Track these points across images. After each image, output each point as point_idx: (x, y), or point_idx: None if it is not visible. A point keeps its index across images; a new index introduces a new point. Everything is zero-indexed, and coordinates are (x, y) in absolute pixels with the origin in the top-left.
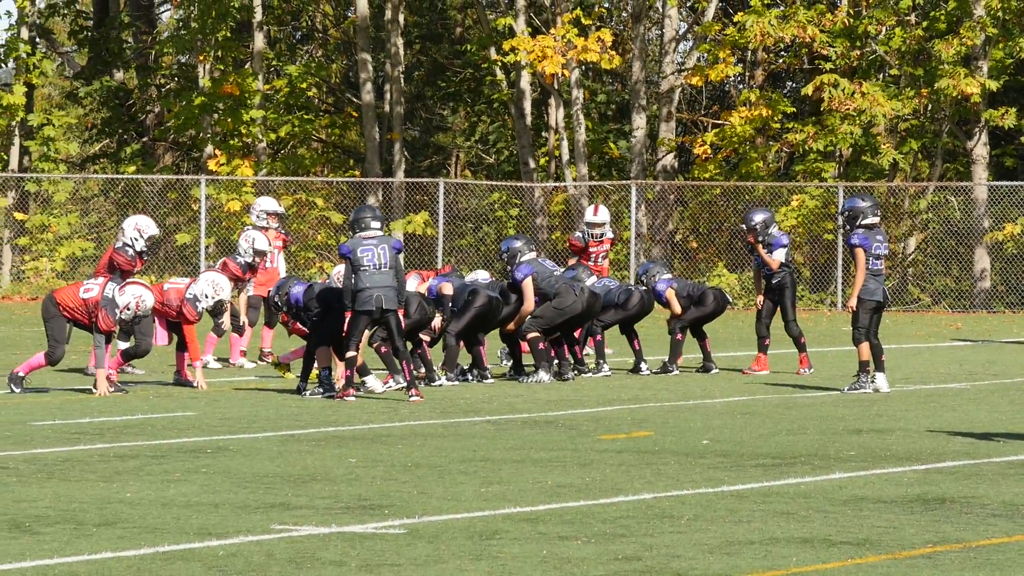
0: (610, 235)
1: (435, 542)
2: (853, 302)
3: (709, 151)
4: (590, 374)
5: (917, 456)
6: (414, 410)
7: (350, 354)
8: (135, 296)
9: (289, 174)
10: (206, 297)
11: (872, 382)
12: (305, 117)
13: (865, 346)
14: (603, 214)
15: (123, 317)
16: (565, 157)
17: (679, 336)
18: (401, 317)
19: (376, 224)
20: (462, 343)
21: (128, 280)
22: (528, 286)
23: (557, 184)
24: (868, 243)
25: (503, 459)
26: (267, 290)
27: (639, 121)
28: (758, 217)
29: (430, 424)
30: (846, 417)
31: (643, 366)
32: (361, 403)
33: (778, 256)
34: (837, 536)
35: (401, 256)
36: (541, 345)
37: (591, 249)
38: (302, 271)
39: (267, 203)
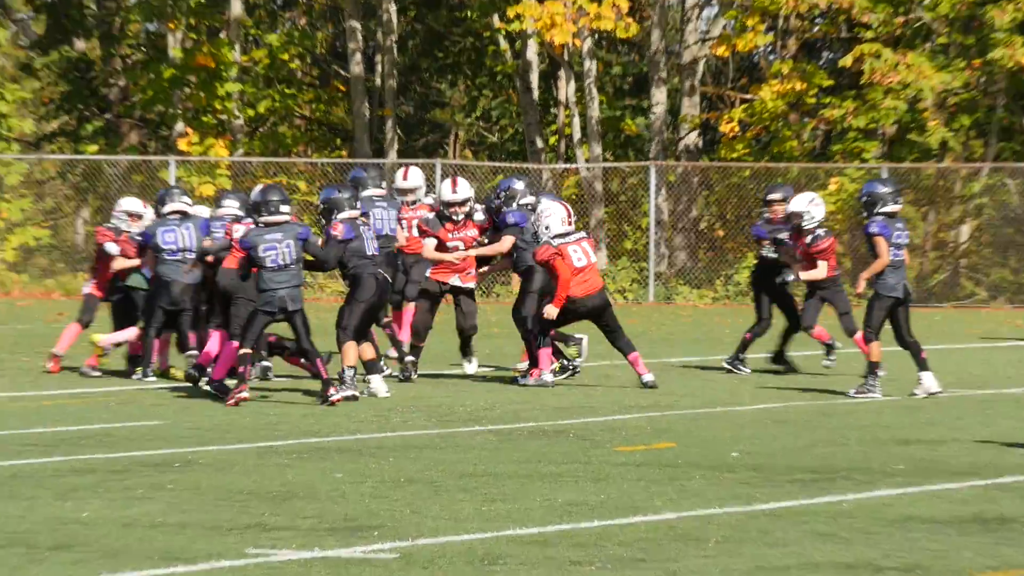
0: (480, 217)
1: (431, 567)
2: (862, 285)
3: (737, 129)
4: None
5: (973, 470)
6: (407, 419)
7: (243, 351)
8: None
9: (269, 154)
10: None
11: (918, 384)
12: (287, 91)
13: (876, 346)
14: (463, 187)
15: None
16: (577, 136)
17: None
18: (306, 315)
19: (285, 209)
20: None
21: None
22: (510, 240)
23: (568, 166)
24: (888, 231)
25: (507, 474)
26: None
27: (659, 96)
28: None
29: (425, 435)
30: (892, 426)
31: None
32: (348, 410)
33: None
34: (884, 561)
35: (312, 240)
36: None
37: (451, 236)
38: None
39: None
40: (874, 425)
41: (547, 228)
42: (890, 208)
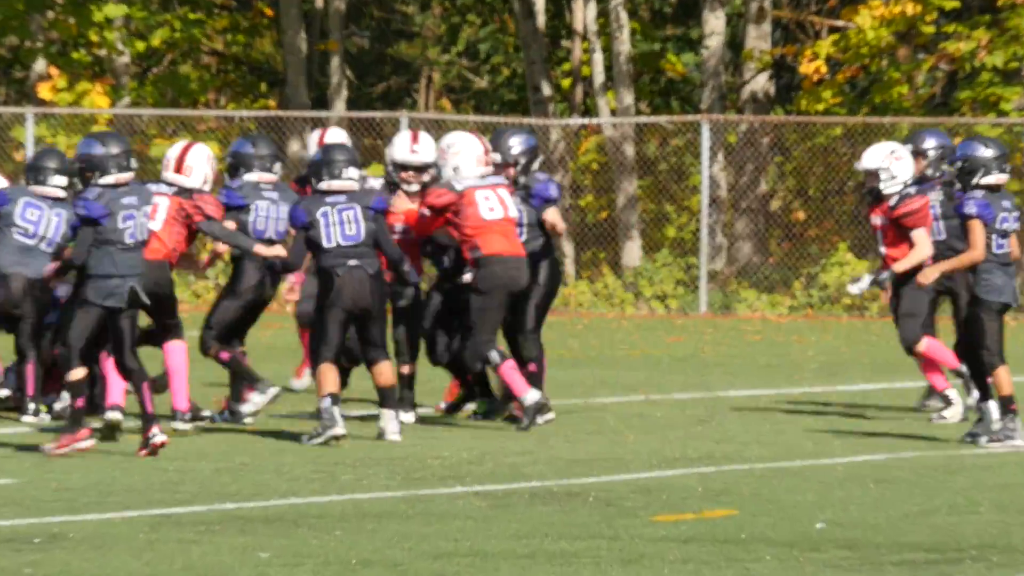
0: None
1: None
2: (931, 276)
3: (824, 69)
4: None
5: None
6: (361, 476)
7: (75, 376)
8: None
9: (166, 105)
10: None
11: (979, 415)
12: (191, 16)
13: (1003, 372)
14: (426, 146)
15: None
16: (599, 79)
17: None
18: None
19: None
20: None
21: None
22: (557, 215)
23: (586, 120)
24: (990, 213)
25: (502, 553)
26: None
27: (714, 23)
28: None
29: (386, 498)
30: None
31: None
32: (277, 464)
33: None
34: None
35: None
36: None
37: (402, 206)
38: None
39: None
40: (1016, 484)
41: (456, 169)
42: (993, 179)
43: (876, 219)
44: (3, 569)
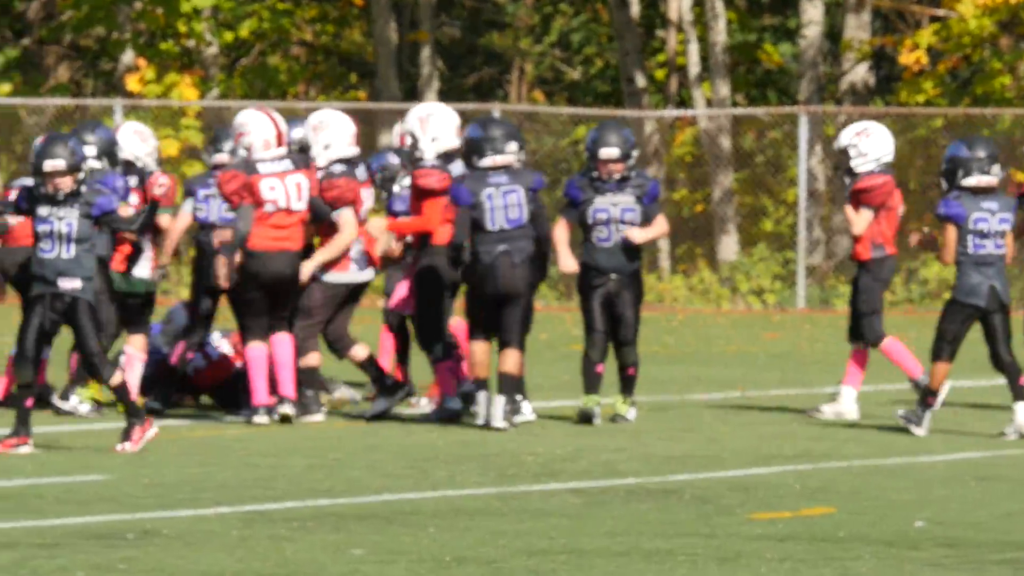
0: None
1: None
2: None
3: (924, 60)
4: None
5: None
6: (454, 473)
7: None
8: None
9: (255, 97)
10: None
11: (1011, 420)
12: (280, 7)
13: (941, 367)
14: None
15: None
16: (694, 70)
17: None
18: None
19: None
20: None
21: None
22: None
23: (681, 112)
24: (961, 214)
25: (597, 550)
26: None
27: (812, 12)
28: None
29: (479, 495)
30: None
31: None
32: (372, 462)
33: None
34: None
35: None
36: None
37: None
38: None
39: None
40: None
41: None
42: (975, 180)
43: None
44: (97, 565)
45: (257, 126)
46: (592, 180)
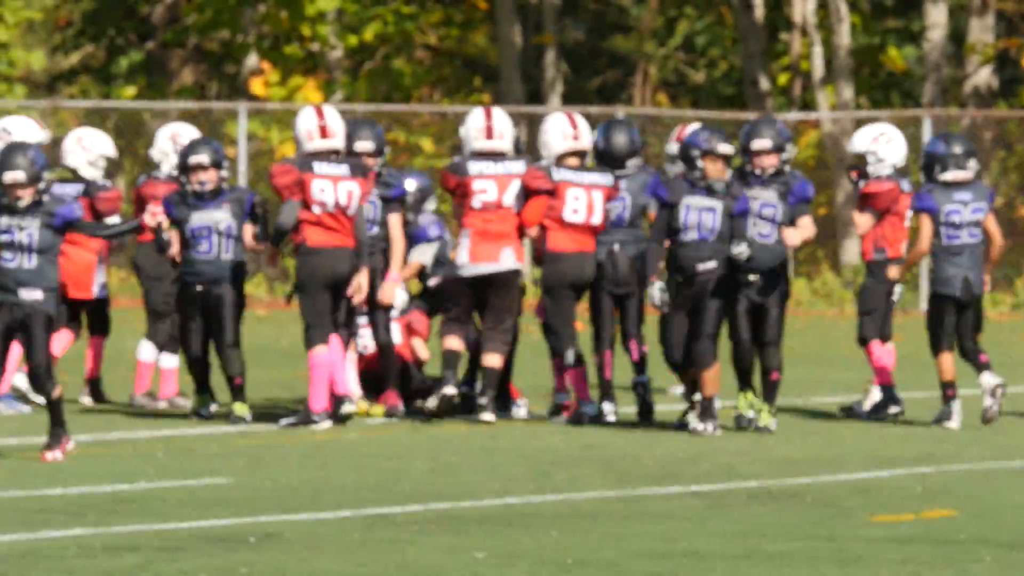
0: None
1: None
2: (894, 272)
3: None
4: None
5: None
6: (575, 476)
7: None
8: None
9: (380, 100)
10: None
11: (983, 392)
12: (404, 11)
13: (944, 359)
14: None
15: None
16: (818, 73)
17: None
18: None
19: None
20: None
21: None
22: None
23: (805, 115)
24: (933, 207)
25: (718, 553)
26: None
27: (936, 15)
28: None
29: (600, 497)
30: None
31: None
32: (493, 465)
33: None
34: None
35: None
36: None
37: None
38: None
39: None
40: None
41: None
42: (951, 175)
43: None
44: (218, 568)
45: (303, 119)
46: (744, 174)
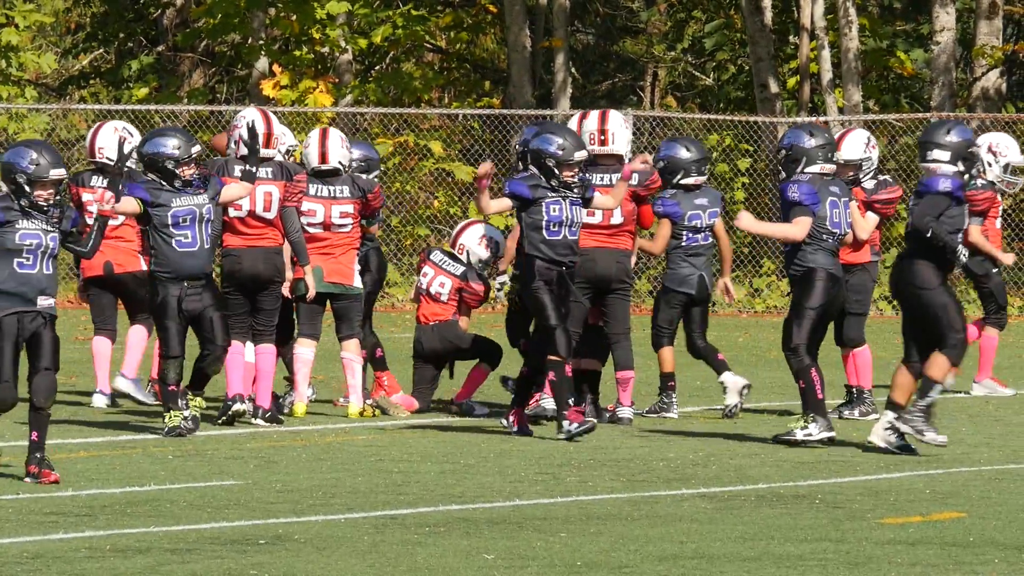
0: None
1: None
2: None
3: None
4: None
5: None
6: (585, 478)
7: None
8: None
9: (389, 103)
10: None
11: (726, 391)
12: (414, 13)
13: (664, 353)
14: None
15: None
16: (826, 76)
17: None
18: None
19: None
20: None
21: None
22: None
23: (814, 118)
24: (678, 211)
25: (727, 555)
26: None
27: (945, 18)
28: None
29: (611, 500)
30: None
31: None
32: (502, 467)
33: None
34: None
35: None
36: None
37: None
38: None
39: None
40: None
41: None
42: (691, 180)
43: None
44: (229, 570)
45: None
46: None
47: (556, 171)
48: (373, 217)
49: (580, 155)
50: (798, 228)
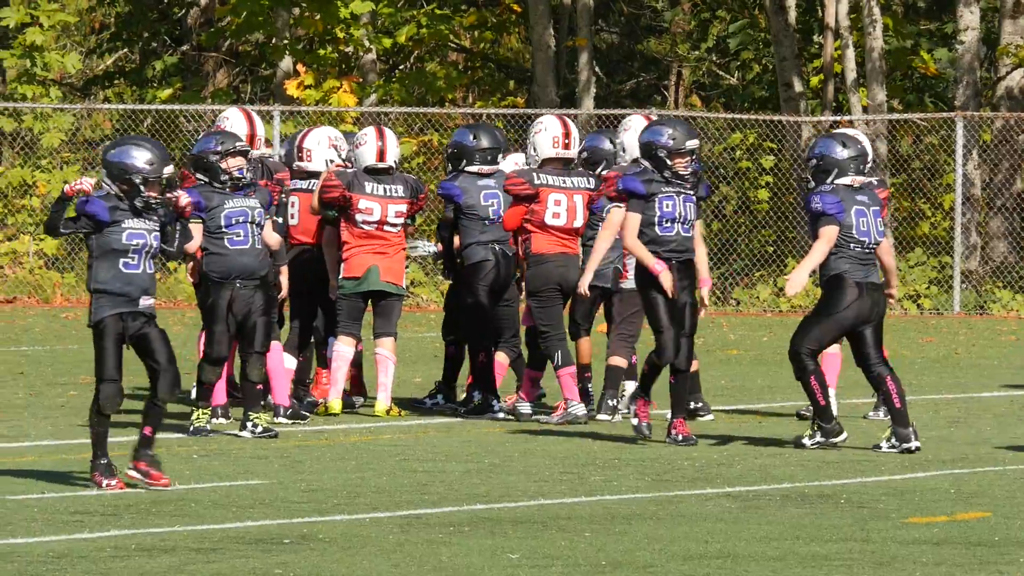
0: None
1: None
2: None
3: None
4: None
5: None
6: (610, 478)
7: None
8: None
9: (413, 103)
10: None
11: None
12: (438, 12)
13: (582, 343)
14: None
15: None
16: (851, 76)
17: None
18: None
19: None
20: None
21: None
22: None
23: (838, 118)
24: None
25: (752, 555)
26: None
27: (969, 17)
28: None
29: (635, 499)
30: None
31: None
32: (527, 467)
33: None
34: None
35: None
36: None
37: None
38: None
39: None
40: None
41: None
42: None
43: None
44: (254, 569)
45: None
46: None
47: (668, 161)
48: (413, 218)
49: (692, 143)
50: (823, 242)
